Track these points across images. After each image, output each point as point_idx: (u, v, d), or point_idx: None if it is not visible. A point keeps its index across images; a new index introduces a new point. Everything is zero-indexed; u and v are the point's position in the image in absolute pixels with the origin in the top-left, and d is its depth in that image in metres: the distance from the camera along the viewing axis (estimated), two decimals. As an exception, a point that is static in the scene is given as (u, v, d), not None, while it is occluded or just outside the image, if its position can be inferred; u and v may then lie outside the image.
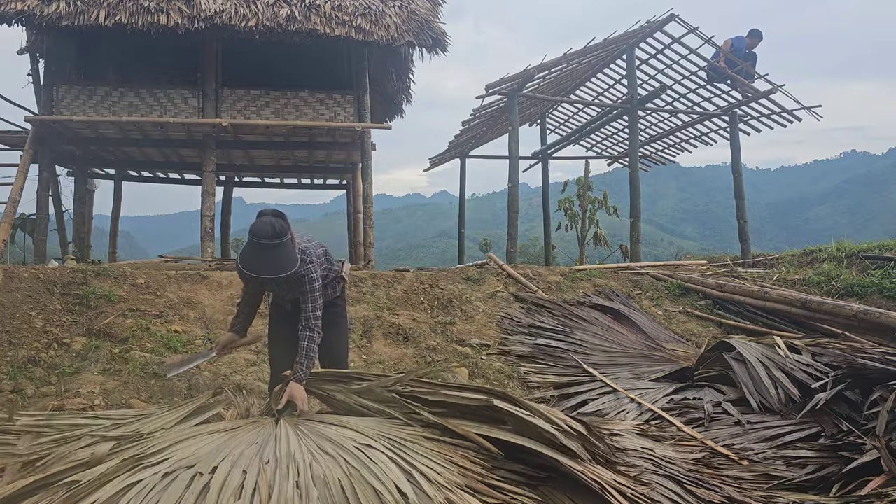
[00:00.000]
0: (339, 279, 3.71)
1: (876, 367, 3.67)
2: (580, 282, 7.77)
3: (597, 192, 14.86)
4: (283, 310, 3.64)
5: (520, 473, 2.51)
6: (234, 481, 2.29)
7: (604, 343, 5.91)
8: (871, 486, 2.83)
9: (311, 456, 2.50)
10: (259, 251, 3.05)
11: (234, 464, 2.40)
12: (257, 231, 3.05)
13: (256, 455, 2.50)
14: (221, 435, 2.71)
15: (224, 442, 2.62)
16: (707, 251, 36.29)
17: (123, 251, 20.60)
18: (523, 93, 9.77)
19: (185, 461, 2.42)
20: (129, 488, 2.23)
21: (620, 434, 3.38)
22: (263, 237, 3.04)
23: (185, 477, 2.31)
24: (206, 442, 2.62)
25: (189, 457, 2.46)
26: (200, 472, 2.32)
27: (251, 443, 2.62)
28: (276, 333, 3.72)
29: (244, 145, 10.42)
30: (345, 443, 2.60)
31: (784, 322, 6.49)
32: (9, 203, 8.63)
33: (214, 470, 2.35)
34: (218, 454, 2.48)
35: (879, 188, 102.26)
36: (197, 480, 2.28)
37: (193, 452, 2.50)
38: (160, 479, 2.29)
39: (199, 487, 2.24)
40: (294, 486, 2.28)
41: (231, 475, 2.33)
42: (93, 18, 8.33)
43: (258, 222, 3.10)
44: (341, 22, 8.91)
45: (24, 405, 4.22)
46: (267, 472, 2.37)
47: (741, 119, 10.91)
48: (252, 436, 2.71)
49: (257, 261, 3.07)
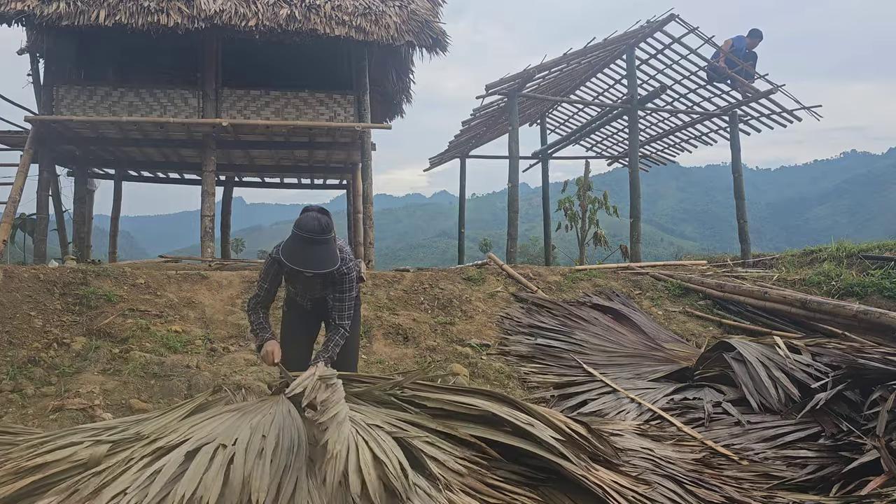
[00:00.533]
0: (359, 279, 3.70)
1: (876, 367, 3.67)
2: (580, 282, 7.77)
3: (597, 192, 14.87)
4: (302, 309, 3.59)
5: (520, 474, 2.50)
6: (254, 446, 2.33)
7: (604, 343, 5.91)
8: (871, 486, 2.83)
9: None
10: (305, 245, 3.05)
11: (254, 431, 2.45)
12: (305, 225, 3.05)
13: (272, 423, 2.52)
14: (234, 413, 2.71)
15: (238, 419, 2.63)
16: (707, 251, 36.30)
17: (123, 251, 20.61)
18: (523, 93, 9.77)
19: (204, 439, 2.45)
20: (150, 470, 2.26)
21: (620, 434, 3.38)
22: (311, 231, 3.04)
23: (208, 450, 2.34)
24: (219, 421, 2.63)
25: (207, 435, 2.48)
26: (224, 444, 2.35)
27: (265, 413, 2.65)
28: (293, 333, 3.62)
29: (244, 145, 10.42)
30: (353, 416, 2.60)
31: (784, 322, 6.49)
32: (9, 203, 8.63)
33: (235, 442, 2.38)
34: (235, 430, 2.50)
35: (879, 188, 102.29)
36: (220, 452, 2.32)
37: (210, 432, 2.52)
38: (183, 458, 2.31)
39: (223, 459, 2.28)
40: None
41: (252, 441, 2.37)
42: (93, 18, 8.33)
43: (305, 217, 3.10)
44: (341, 22, 8.91)
45: (25, 405, 4.23)
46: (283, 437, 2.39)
47: (741, 119, 10.91)
48: (264, 411, 2.71)
49: (303, 255, 3.06)
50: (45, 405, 4.19)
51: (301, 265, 3.07)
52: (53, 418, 4.03)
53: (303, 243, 3.05)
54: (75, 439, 2.59)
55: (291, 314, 3.67)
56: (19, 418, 4.03)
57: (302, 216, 3.13)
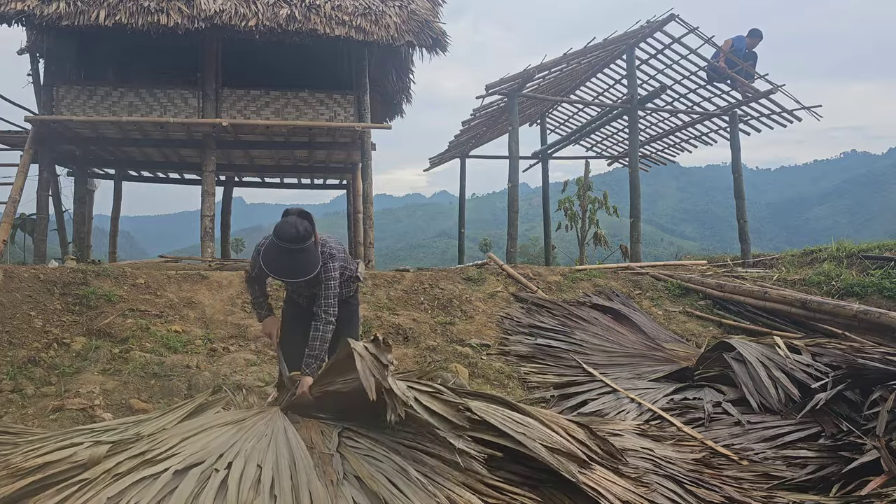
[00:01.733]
0: (354, 278, 3.69)
1: (876, 367, 3.67)
2: (580, 282, 7.77)
3: (597, 192, 14.86)
4: (298, 306, 3.60)
5: (520, 474, 2.50)
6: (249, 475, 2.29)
7: (604, 343, 5.91)
8: (871, 486, 2.83)
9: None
10: (282, 254, 3.03)
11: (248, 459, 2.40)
12: (281, 233, 3.02)
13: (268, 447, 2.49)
14: (230, 427, 2.68)
15: (233, 435, 2.60)
16: (707, 251, 36.28)
17: (123, 251, 20.60)
18: (523, 93, 9.77)
19: (196, 456, 2.40)
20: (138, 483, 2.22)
21: (620, 434, 3.38)
22: (287, 240, 3.01)
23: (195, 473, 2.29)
24: (215, 435, 2.60)
25: (200, 451, 2.45)
26: (216, 469, 2.30)
27: (261, 436, 2.59)
28: (290, 331, 3.62)
29: (244, 145, 10.42)
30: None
31: (784, 322, 6.49)
32: (9, 203, 8.63)
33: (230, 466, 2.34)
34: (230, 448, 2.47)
35: (879, 188, 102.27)
36: (213, 476, 2.27)
37: (204, 446, 2.49)
38: (171, 477, 2.26)
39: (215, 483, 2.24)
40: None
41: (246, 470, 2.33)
42: (93, 18, 8.33)
43: (283, 223, 3.06)
44: (341, 22, 8.91)
45: (25, 405, 4.23)
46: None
47: (741, 119, 10.91)
48: (260, 427, 2.68)
49: (280, 263, 3.05)
50: (45, 405, 4.19)
51: (280, 274, 3.07)
52: (53, 418, 4.02)
53: (280, 253, 3.03)
54: (76, 440, 2.58)
55: (289, 311, 3.70)
56: (19, 418, 4.03)
57: (281, 222, 3.09)
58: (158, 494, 2.17)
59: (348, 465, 2.42)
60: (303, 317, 3.57)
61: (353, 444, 2.57)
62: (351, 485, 2.31)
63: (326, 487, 2.26)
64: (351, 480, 2.34)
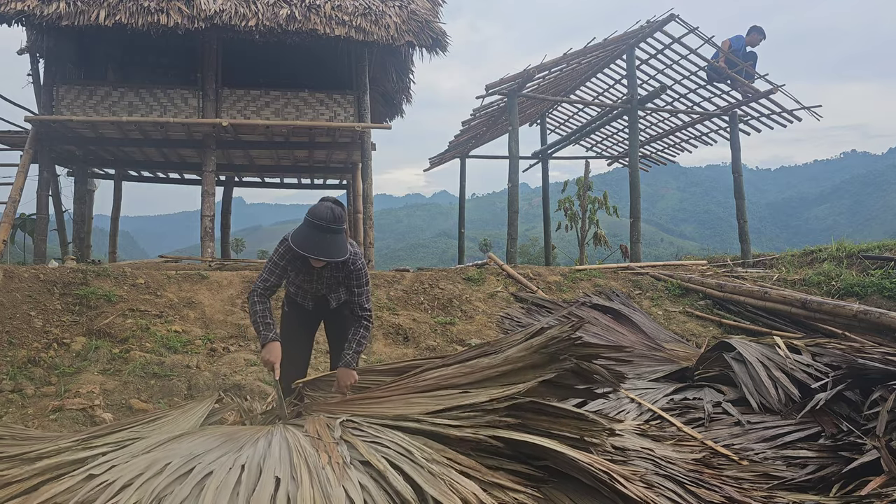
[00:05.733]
0: None
1: (876, 367, 3.67)
2: (580, 282, 7.77)
3: (597, 192, 14.87)
4: (303, 309, 3.56)
5: (521, 473, 2.50)
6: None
7: (604, 343, 5.90)
8: (871, 486, 2.82)
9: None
10: (317, 233, 3.05)
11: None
12: (319, 214, 3.05)
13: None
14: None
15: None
16: (707, 251, 36.24)
17: (123, 251, 20.61)
18: (523, 93, 9.77)
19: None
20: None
21: (620, 434, 3.38)
22: (324, 219, 3.04)
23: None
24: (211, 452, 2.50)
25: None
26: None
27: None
28: (293, 345, 3.51)
29: (244, 145, 10.42)
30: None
31: (784, 322, 6.49)
32: (9, 203, 8.63)
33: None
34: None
35: (879, 188, 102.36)
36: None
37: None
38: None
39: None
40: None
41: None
42: (93, 18, 8.33)
43: (320, 205, 3.11)
44: (341, 22, 8.91)
45: (25, 405, 4.23)
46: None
47: (741, 119, 10.91)
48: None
49: (314, 243, 3.06)
50: (45, 405, 4.19)
51: (311, 252, 3.07)
52: (53, 418, 4.03)
53: (315, 230, 3.05)
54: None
55: (292, 314, 3.63)
56: (19, 418, 4.03)
57: (317, 204, 3.15)
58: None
59: (355, 452, 2.44)
60: (306, 320, 3.56)
61: (358, 433, 2.59)
62: (357, 469, 2.32)
63: (334, 469, 2.26)
64: (357, 466, 2.35)
